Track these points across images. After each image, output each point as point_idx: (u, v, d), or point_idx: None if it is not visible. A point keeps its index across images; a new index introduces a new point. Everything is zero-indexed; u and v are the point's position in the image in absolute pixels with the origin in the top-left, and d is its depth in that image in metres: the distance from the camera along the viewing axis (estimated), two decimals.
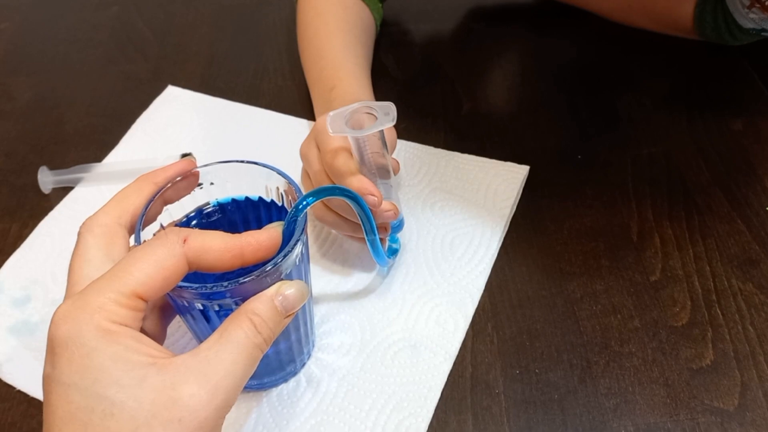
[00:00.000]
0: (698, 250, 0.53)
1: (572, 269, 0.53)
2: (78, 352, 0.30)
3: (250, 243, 0.35)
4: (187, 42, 0.78)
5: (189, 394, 0.31)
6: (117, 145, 0.65)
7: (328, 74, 0.60)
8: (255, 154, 0.61)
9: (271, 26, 0.79)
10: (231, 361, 0.33)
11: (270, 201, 0.44)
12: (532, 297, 0.52)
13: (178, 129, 0.67)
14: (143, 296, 0.32)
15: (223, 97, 0.70)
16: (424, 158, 0.61)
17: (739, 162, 0.60)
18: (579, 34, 0.73)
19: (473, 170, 0.60)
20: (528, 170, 0.59)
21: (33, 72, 0.76)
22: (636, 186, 0.58)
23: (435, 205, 0.58)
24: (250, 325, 0.34)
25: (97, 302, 0.31)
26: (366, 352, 0.49)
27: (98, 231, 0.36)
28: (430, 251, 0.54)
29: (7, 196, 0.62)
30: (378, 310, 0.51)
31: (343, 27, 0.65)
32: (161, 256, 0.33)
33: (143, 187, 0.39)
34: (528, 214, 0.57)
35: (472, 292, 0.52)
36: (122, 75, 0.74)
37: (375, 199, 0.45)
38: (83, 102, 0.71)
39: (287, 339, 0.44)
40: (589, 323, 0.50)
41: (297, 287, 0.36)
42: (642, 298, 0.51)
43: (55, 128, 0.69)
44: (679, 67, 0.70)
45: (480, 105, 0.67)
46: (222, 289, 0.35)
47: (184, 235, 0.34)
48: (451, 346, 0.49)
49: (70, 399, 0.30)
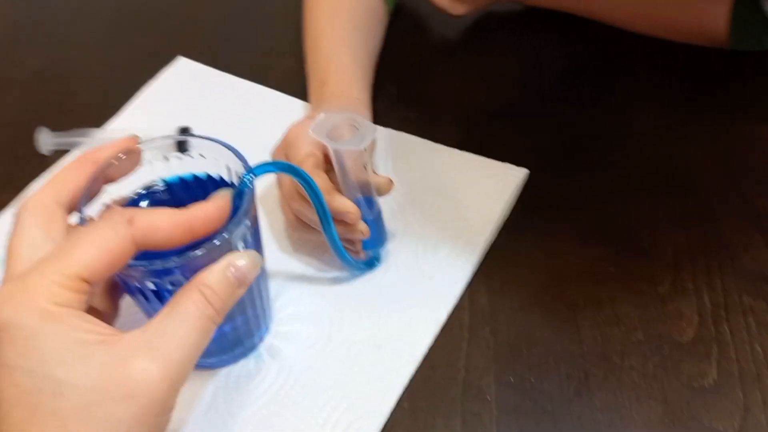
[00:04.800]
0: (711, 262, 0.51)
1: (577, 275, 0.51)
2: (21, 335, 0.30)
3: (198, 216, 0.35)
4: (200, 15, 0.76)
5: (140, 369, 0.31)
6: (120, 112, 0.64)
7: (320, 67, 0.59)
8: (254, 134, 0.60)
9: (287, 3, 0.77)
10: (182, 334, 0.32)
11: (218, 178, 0.43)
12: (533, 301, 0.50)
13: (182, 101, 0.66)
14: (87, 279, 0.31)
15: (232, 73, 0.68)
16: (421, 153, 0.59)
17: (764, 171, 0.57)
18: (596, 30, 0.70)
19: (469, 169, 0.58)
20: (526, 174, 0.57)
21: (44, 41, 0.75)
22: (651, 191, 0.56)
23: (425, 203, 0.56)
24: (200, 297, 0.33)
25: (40, 284, 0.31)
26: (330, 347, 0.48)
27: (37, 211, 0.35)
28: (413, 251, 0.53)
29: (13, 165, 0.62)
30: (349, 305, 0.50)
31: (345, 17, 0.63)
32: (106, 237, 0.32)
33: (83, 165, 0.38)
34: (535, 215, 0.55)
35: (448, 298, 0.50)
36: (133, 47, 0.73)
37: (352, 216, 0.46)
38: (92, 73, 0.71)
39: (243, 313, 0.44)
40: (590, 332, 0.48)
41: (249, 257, 0.36)
42: (648, 309, 0.49)
43: (62, 98, 0.68)
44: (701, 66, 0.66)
45: (493, 99, 0.65)
46: (172, 264, 0.35)
47: (130, 215, 0.33)
48: (416, 350, 0.47)
49: (16, 382, 0.30)
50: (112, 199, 0.41)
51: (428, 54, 0.70)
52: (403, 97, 0.65)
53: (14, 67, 0.72)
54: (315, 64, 0.61)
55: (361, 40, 0.64)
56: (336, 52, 0.61)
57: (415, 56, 0.70)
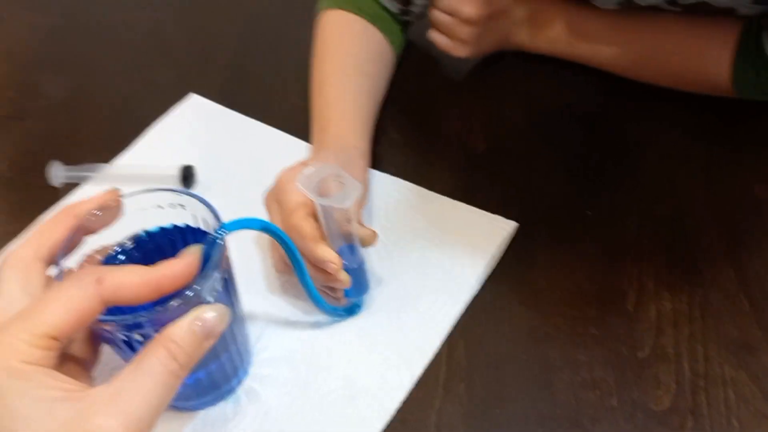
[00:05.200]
0: (695, 328, 0.50)
1: (557, 334, 0.51)
2: None
3: (166, 275, 0.36)
4: (213, 51, 0.79)
5: (100, 425, 0.31)
6: (129, 148, 0.67)
7: (323, 113, 0.61)
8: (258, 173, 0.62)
9: (297, 42, 0.78)
10: (146, 390, 0.33)
11: (197, 228, 0.45)
12: (511, 359, 0.50)
13: (189, 138, 0.68)
14: (57, 337, 0.33)
15: (239, 110, 0.70)
16: (412, 200, 0.60)
17: (758, 233, 0.56)
18: (604, 79, 0.69)
19: (459, 219, 0.58)
20: (515, 227, 0.57)
21: (65, 70, 0.78)
22: (641, 249, 0.56)
23: (412, 252, 0.56)
24: (164, 353, 0.34)
25: (10, 343, 0.32)
26: (306, 394, 0.49)
27: (16, 266, 0.37)
28: (395, 300, 0.53)
29: (26, 195, 0.65)
30: (327, 351, 0.51)
31: (347, 61, 0.65)
32: (74, 297, 0.34)
33: (63, 219, 0.40)
34: (522, 268, 0.55)
35: (425, 352, 0.50)
36: (148, 80, 0.76)
37: (334, 266, 0.47)
38: (107, 104, 0.73)
39: (217, 359, 0.45)
40: (564, 395, 0.48)
41: (217, 311, 0.37)
42: (625, 374, 0.48)
43: (77, 129, 0.71)
44: (705, 121, 0.65)
45: (495, 146, 0.65)
46: (140, 319, 0.36)
47: (99, 275, 0.34)
48: (388, 404, 0.48)
49: None
50: (93, 250, 0.43)
51: (431, 99, 0.71)
52: (403, 142, 0.66)
53: (36, 97, 0.75)
54: (318, 109, 0.62)
55: (366, 86, 0.65)
56: (339, 98, 0.62)
57: (419, 102, 0.71)
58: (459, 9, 0.64)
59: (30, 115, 0.73)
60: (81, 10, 0.86)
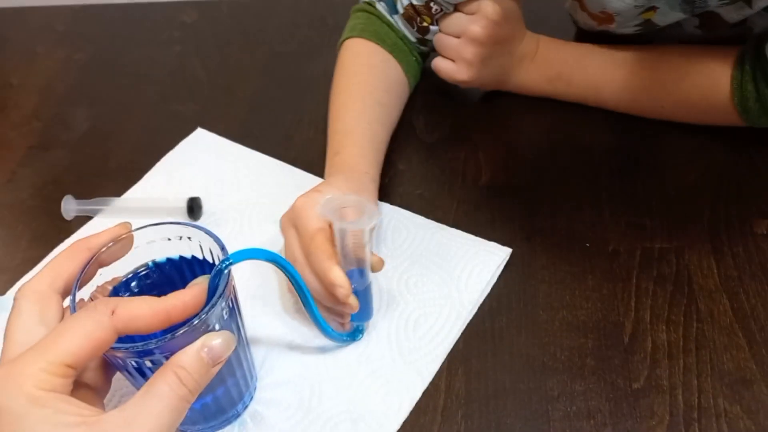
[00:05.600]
0: (689, 361, 0.51)
1: (555, 364, 0.52)
2: (8, 419, 0.33)
3: (176, 305, 0.39)
4: (235, 86, 0.82)
5: None
6: (139, 181, 0.70)
7: (337, 138, 0.63)
8: (263, 206, 0.66)
9: (317, 76, 0.81)
10: (156, 414, 0.35)
11: (203, 259, 0.47)
12: (509, 388, 0.51)
13: (196, 171, 0.70)
14: (72, 365, 0.35)
15: (256, 144, 0.73)
16: (410, 228, 0.62)
17: (755, 268, 0.57)
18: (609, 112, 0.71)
19: (455, 247, 0.60)
20: (509, 253, 0.59)
21: (93, 103, 0.82)
22: (639, 282, 0.57)
23: (410, 279, 0.58)
24: (174, 378, 0.36)
25: (27, 371, 0.34)
26: (309, 418, 0.50)
27: (32, 297, 0.39)
28: (394, 326, 0.55)
29: (47, 224, 0.68)
30: (330, 375, 0.53)
31: (365, 90, 0.67)
32: (89, 328, 0.36)
33: (77, 253, 0.42)
34: (523, 299, 0.57)
35: (424, 376, 0.52)
36: (171, 114, 0.79)
37: (344, 291, 0.49)
38: (131, 138, 0.76)
39: (223, 383, 0.47)
40: (560, 425, 0.49)
41: (223, 338, 0.39)
42: (620, 405, 0.49)
43: (101, 161, 0.74)
44: (712, 154, 0.67)
45: (499, 177, 0.67)
46: (151, 346, 0.39)
47: (112, 306, 0.37)
48: (389, 427, 0.49)
49: None
50: (105, 281, 0.45)
51: (440, 132, 0.73)
52: (409, 173, 0.68)
53: (62, 129, 0.78)
54: (334, 135, 0.65)
55: (381, 116, 0.67)
56: (354, 126, 0.65)
57: (428, 134, 0.73)
58: (467, 28, 0.66)
59: (55, 145, 0.76)
60: (110, 46, 0.90)
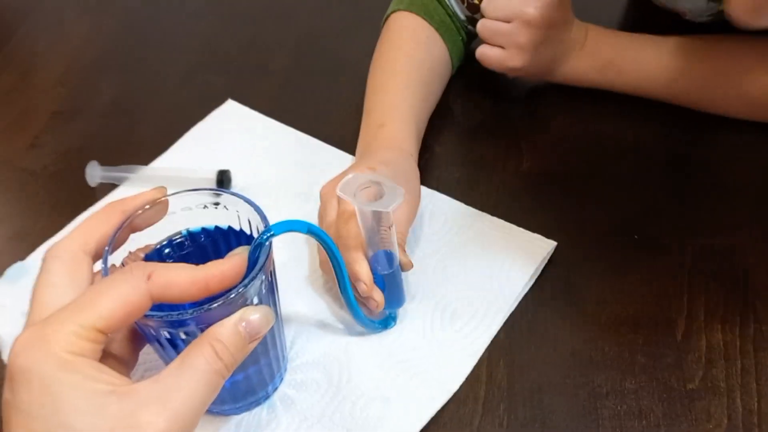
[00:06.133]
0: (747, 363, 0.48)
1: (604, 360, 0.50)
2: (37, 382, 0.31)
3: (215, 275, 0.36)
4: (267, 61, 0.79)
5: (147, 422, 0.31)
6: (166, 151, 0.67)
7: (381, 110, 0.61)
8: (292, 181, 0.63)
9: (352, 55, 0.79)
10: (190, 388, 0.33)
11: (239, 230, 0.45)
12: (555, 383, 0.48)
13: (226, 144, 0.68)
14: (104, 330, 0.33)
15: (289, 120, 0.70)
16: (448, 214, 0.59)
17: None
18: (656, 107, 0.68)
19: (497, 237, 0.57)
20: (554, 246, 0.56)
21: (120, 72, 0.79)
22: (692, 279, 0.54)
23: (448, 268, 0.55)
24: (210, 352, 0.34)
25: (58, 334, 0.32)
26: (338, 399, 0.48)
27: (63, 258, 0.37)
28: (429, 316, 0.52)
29: (70, 191, 0.65)
30: (360, 357, 0.50)
31: (412, 65, 0.65)
32: (124, 292, 0.33)
33: (111, 215, 0.40)
34: (569, 291, 0.54)
35: (458, 372, 0.49)
36: (200, 86, 0.76)
37: (364, 287, 0.47)
38: (158, 109, 0.74)
39: (256, 363, 0.45)
40: (609, 424, 0.46)
41: (262, 313, 0.37)
42: (674, 406, 0.47)
43: (127, 131, 0.71)
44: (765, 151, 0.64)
45: (540, 165, 0.64)
46: (186, 317, 0.36)
47: (149, 271, 0.34)
48: (422, 414, 0.46)
49: (30, 427, 0.31)
50: (137, 248, 0.43)
51: (480, 117, 0.70)
52: (447, 157, 0.66)
53: (88, 96, 0.76)
54: (376, 107, 0.62)
55: (424, 95, 0.65)
56: (400, 101, 0.62)
57: (466, 118, 0.70)
58: (522, 10, 0.62)
59: (79, 113, 0.74)
60: (140, 15, 0.88)
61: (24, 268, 0.57)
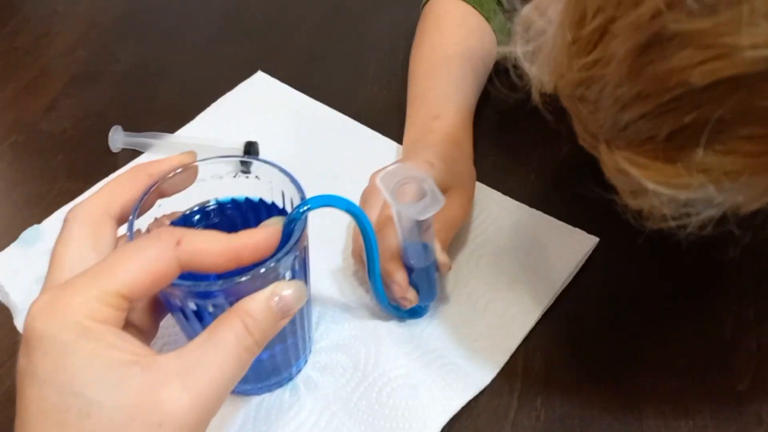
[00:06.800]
0: None
1: (646, 358, 0.47)
2: (55, 348, 0.29)
3: (247, 245, 0.33)
4: (293, 34, 0.76)
5: (170, 398, 0.29)
6: (192, 120, 0.64)
7: (434, 99, 0.57)
8: (319, 159, 0.60)
9: (379, 30, 0.76)
10: (218, 363, 0.31)
11: (271, 203, 0.42)
12: (594, 379, 0.46)
13: (254, 115, 0.65)
14: (128, 297, 0.30)
15: (315, 95, 0.67)
16: (484, 202, 0.56)
17: None
18: None
19: (535, 229, 0.54)
20: (596, 242, 0.53)
21: (141, 38, 0.77)
22: (742, 275, 0.51)
23: (482, 258, 0.52)
24: (241, 326, 0.32)
25: (79, 298, 0.30)
26: (364, 385, 0.45)
27: (85, 220, 0.34)
28: (461, 307, 0.50)
29: (87, 156, 0.63)
30: (387, 342, 0.47)
31: (463, 53, 0.61)
32: (152, 257, 0.31)
33: (137, 178, 0.37)
34: (611, 285, 0.51)
35: (490, 366, 0.46)
36: (224, 57, 0.74)
37: (398, 288, 0.44)
38: (180, 76, 0.71)
39: (283, 342, 0.42)
40: (653, 423, 0.44)
41: (295, 288, 0.34)
42: (722, 408, 0.44)
43: (148, 98, 0.69)
44: None
45: (581, 151, 0.61)
46: (215, 288, 0.34)
47: (178, 236, 0.32)
48: (451, 404, 0.44)
49: (44, 396, 0.29)
50: (163, 214, 0.40)
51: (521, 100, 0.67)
52: (481, 140, 0.63)
53: (109, 61, 0.73)
54: (427, 95, 0.59)
55: (474, 82, 0.61)
56: (453, 92, 0.59)
57: (502, 100, 0.67)
58: None
59: (99, 77, 0.71)
60: None
61: (39, 232, 0.54)
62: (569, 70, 0.31)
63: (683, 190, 0.29)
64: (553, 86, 0.34)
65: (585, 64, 0.30)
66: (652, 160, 0.30)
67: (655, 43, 0.27)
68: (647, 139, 0.29)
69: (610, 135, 0.32)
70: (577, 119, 0.34)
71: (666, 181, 0.29)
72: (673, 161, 0.29)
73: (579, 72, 0.31)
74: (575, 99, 0.33)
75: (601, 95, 0.30)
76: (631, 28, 0.27)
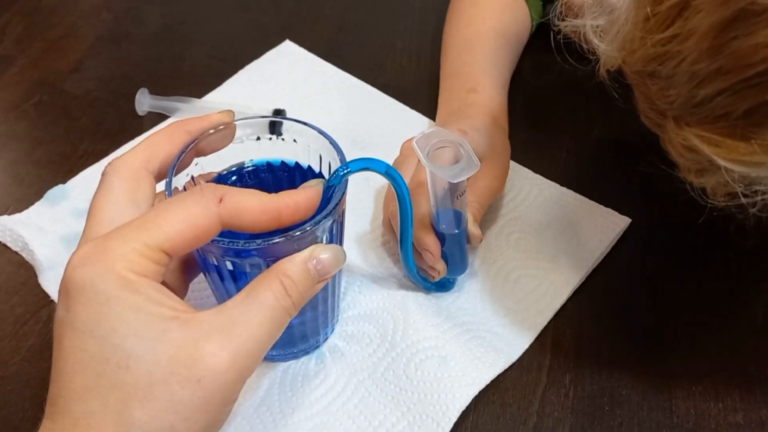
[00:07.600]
0: None
1: (677, 340, 0.46)
2: (95, 299, 0.29)
3: (288, 205, 0.33)
4: (323, 3, 0.75)
5: (210, 354, 0.29)
6: (220, 86, 0.64)
7: (471, 73, 0.57)
8: (346, 129, 0.60)
9: (409, 2, 0.75)
10: (257, 322, 0.31)
11: (307, 167, 0.42)
12: (624, 358, 0.46)
13: (282, 84, 0.64)
14: (169, 251, 0.30)
15: (343, 66, 0.66)
16: (515, 180, 0.55)
17: None
18: None
19: (566, 208, 0.54)
20: (629, 223, 0.52)
21: (167, 2, 0.75)
22: None
23: (512, 235, 0.52)
24: (279, 287, 0.32)
25: (121, 250, 0.29)
26: (392, 355, 0.45)
27: (125, 174, 0.34)
28: (490, 282, 0.49)
29: (113, 118, 0.62)
30: (416, 314, 0.46)
31: (498, 28, 0.61)
32: (194, 212, 0.31)
33: (175, 134, 0.37)
34: (643, 265, 0.51)
35: (517, 345, 0.46)
36: (251, 23, 0.73)
37: (430, 256, 0.44)
38: (207, 42, 0.70)
39: (314, 309, 0.42)
40: (683, 404, 0.43)
41: (333, 252, 0.34)
42: (753, 392, 0.44)
43: (174, 62, 0.68)
44: None
45: (613, 131, 0.61)
46: (254, 246, 0.34)
47: (221, 194, 0.32)
48: (480, 377, 0.43)
49: (83, 347, 0.29)
50: (200, 173, 0.40)
51: (547, 77, 0.67)
52: (513, 115, 0.62)
53: (138, 24, 0.72)
54: (464, 69, 0.58)
55: (509, 58, 0.61)
56: (489, 66, 0.58)
57: (539, 79, 0.66)
58: None
59: (125, 40, 0.70)
60: None
61: (64, 192, 0.54)
62: (642, 45, 0.31)
63: (756, 168, 0.29)
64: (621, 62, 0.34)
65: (661, 40, 0.30)
66: (726, 137, 0.29)
67: (741, 18, 0.26)
68: (721, 116, 0.29)
69: (681, 112, 0.31)
70: (643, 96, 0.34)
71: (739, 158, 0.29)
72: (747, 139, 0.28)
73: (654, 47, 0.30)
74: (645, 75, 0.32)
75: (675, 71, 0.30)
76: (716, 3, 0.27)
